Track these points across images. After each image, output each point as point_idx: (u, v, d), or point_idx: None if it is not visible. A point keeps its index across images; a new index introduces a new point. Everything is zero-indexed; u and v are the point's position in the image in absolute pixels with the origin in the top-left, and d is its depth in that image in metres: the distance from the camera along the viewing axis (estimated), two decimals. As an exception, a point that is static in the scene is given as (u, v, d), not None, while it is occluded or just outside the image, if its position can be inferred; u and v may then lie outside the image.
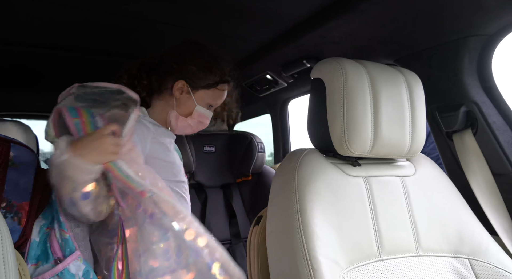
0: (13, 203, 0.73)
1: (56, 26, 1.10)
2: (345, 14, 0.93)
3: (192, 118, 1.00)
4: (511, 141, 0.95)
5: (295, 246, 0.69)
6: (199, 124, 1.02)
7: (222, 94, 1.03)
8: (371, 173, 0.83)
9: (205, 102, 1.01)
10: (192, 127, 1.02)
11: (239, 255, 1.70)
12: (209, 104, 1.02)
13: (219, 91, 1.02)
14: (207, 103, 1.01)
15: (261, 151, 1.85)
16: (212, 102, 1.02)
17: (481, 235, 0.84)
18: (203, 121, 1.02)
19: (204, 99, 1.00)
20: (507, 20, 0.88)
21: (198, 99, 1.00)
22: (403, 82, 0.85)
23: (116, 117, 0.79)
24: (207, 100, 1.01)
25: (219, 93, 1.02)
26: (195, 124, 1.02)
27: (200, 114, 1.00)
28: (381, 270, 0.74)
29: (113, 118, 0.79)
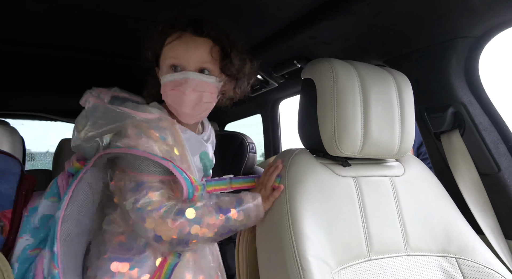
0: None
1: (49, 24, 1.09)
2: (336, 15, 0.93)
3: (164, 93, 0.82)
4: (497, 141, 0.97)
5: (285, 246, 0.69)
6: (173, 94, 0.80)
7: (175, 45, 0.80)
8: (361, 173, 0.84)
9: (164, 68, 0.82)
10: (171, 104, 0.82)
11: (230, 255, 1.70)
12: (171, 66, 0.81)
13: (169, 45, 0.81)
14: (168, 67, 0.81)
15: (252, 151, 1.85)
16: (169, 61, 0.81)
17: (468, 234, 0.85)
18: (174, 87, 0.79)
19: (163, 67, 0.83)
20: (494, 22, 0.90)
21: (162, 71, 0.84)
22: (393, 83, 0.86)
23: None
24: (164, 64, 0.82)
25: (169, 47, 0.81)
26: (171, 97, 0.81)
27: (166, 84, 0.81)
28: (370, 270, 0.74)
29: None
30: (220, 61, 0.82)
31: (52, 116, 2.22)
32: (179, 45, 0.80)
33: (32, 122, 2.39)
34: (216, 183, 0.84)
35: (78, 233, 0.76)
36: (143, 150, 0.74)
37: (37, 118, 2.32)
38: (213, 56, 0.81)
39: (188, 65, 0.80)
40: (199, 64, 0.80)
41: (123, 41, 1.24)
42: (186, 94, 0.79)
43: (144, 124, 0.77)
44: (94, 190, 0.80)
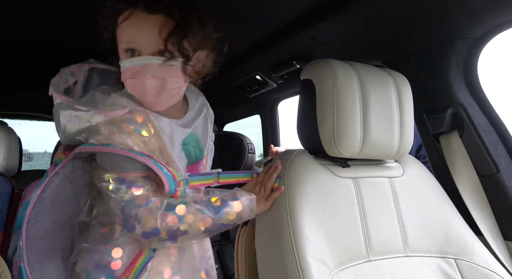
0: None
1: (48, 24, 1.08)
2: (335, 15, 0.93)
3: (125, 83, 0.73)
4: (496, 142, 0.97)
5: (284, 247, 0.69)
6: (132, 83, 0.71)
7: (126, 25, 0.70)
8: (360, 174, 0.84)
9: (120, 52, 0.73)
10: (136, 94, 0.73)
11: (228, 256, 1.69)
12: (125, 50, 0.71)
13: (120, 25, 0.71)
14: (123, 51, 0.72)
15: (251, 152, 1.85)
16: (123, 46, 0.72)
17: (466, 235, 0.85)
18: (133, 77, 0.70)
19: (120, 52, 0.73)
20: (493, 24, 0.90)
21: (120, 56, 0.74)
22: (392, 84, 0.86)
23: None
24: (120, 49, 0.73)
25: (121, 28, 0.71)
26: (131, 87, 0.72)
27: (123, 71, 0.72)
28: (369, 271, 0.74)
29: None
30: (171, 39, 0.69)
31: (50, 116, 2.22)
32: (130, 25, 0.69)
33: (30, 123, 2.38)
34: (201, 178, 0.79)
35: (53, 228, 0.74)
36: (120, 147, 0.70)
37: (35, 119, 2.32)
38: (166, 36, 0.69)
39: (144, 49, 0.69)
40: (156, 46, 0.69)
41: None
42: (146, 83, 0.69)
43: (116, 118, 0.72)
44: (76, 183, 0.78)
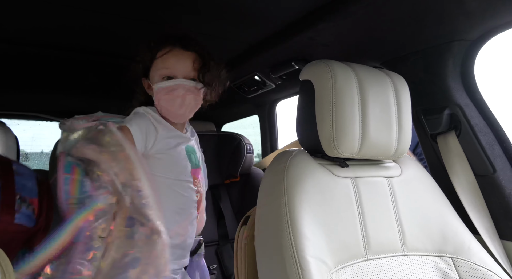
0: (25, 197, 0.82)
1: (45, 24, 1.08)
2: (334, 16, 0.94)
3: (157, 99, 0.95)
4: (492, 143, 0.98)
5: (283, 246, 0.69)
6: (168, 98, 0.93)
7: (166, 58, 0.94)
8: (359, 174, 0.84)
9: (156, 78, 0.95)
10: (165, 106, 0.95)
11: (227, 256, 1.70)
12: (164, 76, 0.94)
13: (160, 58, 0.95)
14: (160, 77, 0.95)
15: (250, 152, 1.85)
16: (162, 72, 0.94)
17: (463, 234, 0.86)
18: (169, 93, 0.93)
19: (154, 77, 0.96)
20: (489, 26, 0.91)
21: (152, 80, 0.97)
22: (390, 84, 0.86)
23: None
24: (156, 75, 0.95)
25: (161, 60, 0.95)
26: (165, 101, 0.94)
27: (159, 90, 0.93)
28: (367, 270, 0.75)
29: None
30: (200, 70, 0.96)
31: (48, 116, 2.21)
32: (171, 57, 0.94)
33: (28, 122, 2.37)
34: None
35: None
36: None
37: (32, 119, 2.30)
38: (195, 67, 0.96)
39: (179, 74, 0.94)
40: (186, 73, 0.95)
41: (119, 41, 1.24)
42: (180, 97, 0.93)
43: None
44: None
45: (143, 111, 0.95)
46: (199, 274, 1.09)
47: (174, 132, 0.98)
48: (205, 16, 1.05)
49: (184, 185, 0.98)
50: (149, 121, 0.93)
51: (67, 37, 1.19)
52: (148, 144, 0.91)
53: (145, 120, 0.93)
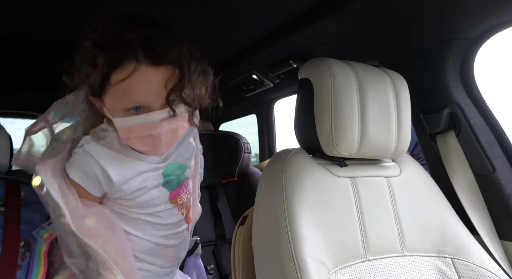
0: (30, 241, 0.72)
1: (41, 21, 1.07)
2: (332, 15, 0.93)
3: (126, 140, 0.68)
4: (492, 142, 0.98)
5: (282, 246, 0.68)
6: (143, 141, 0.67)
7: (126, 88, 0.62)
8: (358, 174, 0.83)
9: (119, 109, 0.66)
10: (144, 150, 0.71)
11: (224, 256, 1.69)
12: (129, 109, 0.65)
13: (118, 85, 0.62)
14: (124, 109, 0.65)
15: (247, 151, 1.84)
16: (126, 104, 0.65)
17: (463, 235, 0.85)
18: (145, 136, 0.66)
19: (114, 108, 0.66)
20: (489, 24, 0.91)
21: (110, 110, 0.68)
22: (389, 83, 0.86)
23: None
24: (118, 107, 0.66)
25: (121, 88, 0.63)
26: (142, 145, 0.68)
27: (126, 129, 0.66)
28: (366, 271, 0.74)
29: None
30: (176, 90, 0.64)
31: (44, 115, 2.19)
32: (138, 84, 0.62)
33: (23, 121, 2.35)
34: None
35: None
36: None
37: (28, 117, 2.28)
38: (168, 86, 0.64)
39: (153, 105, 0.65)
40: (163, 100, 0.65)
41: None
42: (162, 139, 0.67)
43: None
44: None
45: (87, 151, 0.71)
46: (196, 275, 1.08)
47: (138, 168, 0.75)
48: (203, 14, 1.04)
49: (163, 213, 0.82)
50: (95, 164, 0.71)
51: (64, 35, 1.17)
52: (104, 189, 0.74)
53: (89, 163, 0.71)
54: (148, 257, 0.82)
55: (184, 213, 0.86)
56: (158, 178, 0.78)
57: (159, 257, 0.84)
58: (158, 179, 0.78)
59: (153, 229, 0.81)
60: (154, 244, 0.82)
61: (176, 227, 0.85)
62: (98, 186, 0.73)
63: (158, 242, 0.82)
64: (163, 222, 0.81)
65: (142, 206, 0.78)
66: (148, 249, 0.81)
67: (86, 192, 0.73)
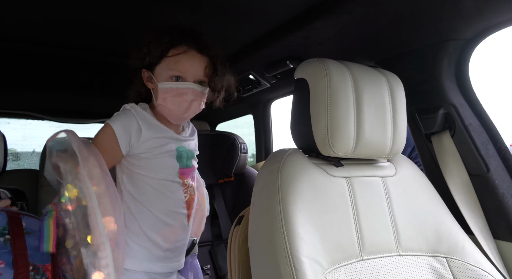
0: (38, 265, 0.78)
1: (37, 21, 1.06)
2: (329, 15, 0.94)
3: (162, 98, 0.91)
4: (486, 142, 0.98)
5: (277, 246, 0.68)
6: (174, 101, 0.90)
7: (180, 59, 0.90)
8: (353, 174, 0.84)
9: (165, 76, 0.91)
10: (169, 108, 0.91)
11: (220, 256, 1.69)
12: (174, 76, 0.90)
13: (173, 57, 0.90)
14: (169, 76, 0.90)
15: (244, 151, 1.84)
16: (173, 72, 0.90)
17: (457, 234, 0.86)
18: (177, 95, 0.90)
19: (162, 74, 0.91)
20: (484, 25, 0.91)
21: (158, 76, 0.92)
22: (385, 83, 0.86)
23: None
24: (165, 73, 0.91)
25: (174, 60, 0.90)
26: (171, 103, 0.90)
27: (165, 90, 0.90)
28: (362, 270, 0.74)
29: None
30: (211, 76, 0.94)
31: (40, 115, 2.17)
32: (185, 60, 0.90)
33: (19, 121, 2.33)
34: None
35: None
36: None
37: (23, 117, 2.27)
38: (206, 72, 0.93)
39: (190, 78, 0.91)
40: (197, 77, 0.92)
41: (113, 38, 1.22)
42: (188, 102, 0.91)
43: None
44: None
45: (130, 108, 0.92)
46: (192, 275, 1.08)
47: (163, 133, 0.95)
48: (200, 14, 1.04)
49: (170, 185, 0.95)
50: (134, 120, 0.90)
51: (59, 34, 1.17)
52: (132, 143, 0.90)
53: (130, 118, 0.90)
54: (150, 232, 0.93)
55: (187, 197, 0.99)
56: (173, 149, 0.96)
57: (159, 235, 0.93)
58: (173, 149, 0.96)
59: (158, 198, 0.93)
60: (156, 218, 0.93)
61: (178, 206, 0.97)
62: (128, 141, 0.89)
63: (159, 217, 0.93)
64: (168, 193, 0.94)
65: (154, 169, 0.92)
66: (151, 223, 0.93)
67: (116, 145, 0.88)
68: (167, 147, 0.94)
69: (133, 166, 0.93)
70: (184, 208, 0.98)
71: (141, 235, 0.92)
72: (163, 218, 0.94)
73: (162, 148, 0.93)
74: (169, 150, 0.95)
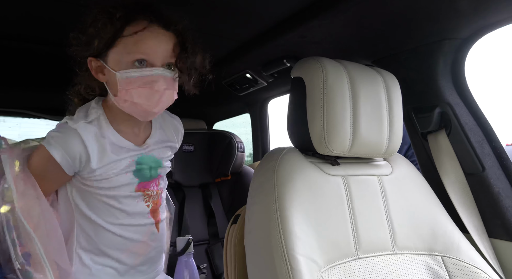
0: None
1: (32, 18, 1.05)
2: (326, 14, 0.93)
3: (124, 91, 0.70)
4: (482, 141, 0.99)
5: (273, 245, 0.68)
6: (141, 92, 0.70)
7: (141, 37, 0.69)
8: (350, 172, 0.84)
9: (124, 62, 0.70)
10: (136, 102, 0.71)
11: (217, 255, 1.69)
12: (136, 60, 0.70)
13: (132, 36, 0.69)
14: (129, 62, 0.70)
15: (241, 150, 1.84)
16: (135, 55, 0.70)
17: (453, 233, 0.86)
18: (144, 85, 0.70)
19: (119, 61, 0.71)
20: (479, 25, 0.92)
21: (113, 64, 0.71)
22: (382, 82, 0.86)
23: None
24: (124, 58, 0.70)
25: (134, 39, 0.69)
26: (137, 96, 0.71)
27: (128, 80, 0.70)
28: (358, 269, 0.74)
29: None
30: (179, 57, 0.74)
31: (36, 113, 2.16)
32: (149, 38, 0.69)
33: (14, 120, 2.32)
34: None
35: None
36: None
37: (19, 116, 2.25)
38: (175, 52, 0.74)
39: (157, 61, 0.71)
40: (166, 59, 0.73)
41: None
42: (160, 92, 0.71)
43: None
44: None
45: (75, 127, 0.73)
46: (188, 274, 1.08)
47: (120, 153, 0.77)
48: (196, 12, 1.03)
49: (127, 199, 0.81)
50: (80, 145, 0.73)
51: (54, 32, 1.16)
52: (78, 168, 0.75)
53: (73, 142, 0.72)
54: (114, 251, 0.81)
55: (150, 205, 0.84)
56: (130, 164, 0.80)
57: (125, 252, 0.82)
58: (131, 165, 0.80)
59: (115, 216, 0.80)
60: (120, 237, 0.81)
61: (140, 218, 0.83)
62: (75, 166, 0.74)
63: (123, 235, 0.81)
64: (127, 209, 0.81)
65: (107, 188, 0.78)
66: (111, 242, 0.80)
67: (60, 171, 0.73)
68: (122, 164, 0.78)
69: (81, 184, 0.78)
70: (149, 217, 0.85)
71: (101, 255, 0.80)
72: (126, 235, 0.81)
73: (117, 167, 0.78)
74: (125, 169, 0.79)
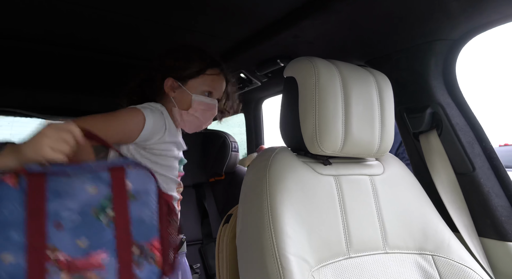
0: (142, 244, 0.63)
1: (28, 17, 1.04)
2: (319, 14, 0.94)
3: (195, 109, 1.00)
4: (472, 142, 1.00)
5: (265, 244, 0.69)
6: (205, 113, 1.02)
7: (215, 79, 1.03)
8: (342, 172, 0.84)
9: (199, 90, 1.01)
10: (199, 118, 1.02)
11: (210, 255, 1.68)
12: (206, 92, 1.02)
13: (210, 76, 1.02)
14: (203, 91, 1.01)
15: (235, 150, 1.84)
16: (208, 88, 1.02)
17: (443, 232, 0.87)
18: (208, 109, 1.02)
19: (197, 88, 1.01)
20: (470, 26, 0.92)
21: (191, 88, 1.00)
22: (374, 83, 0.87)
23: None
24: (201, 88, 1.01)
25: (211, 78, 1.02)
26: (201, 114, 1.01)
27: (200, 102, 1.00)
28: (349, 268, 0.75)
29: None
30: (223, 98, 1.10)
31: (28, 112, 2.14)
32: (219, 80, 1.05)
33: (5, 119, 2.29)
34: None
35: None
36: None
37: (11, 114, 2.23)
38: (226, 93, 1.10)
39: (216, 95, 1.05)
40: (219, 96, 1.07)
41: (101, 35, 1.21)
42: (212, 115, 1.04)
43: None
44: None
45: (161, 110, 0.97)
46: (180, 273, 1.08)
47: (177, 139, 1.02)
48: (191, 12, 1.03)
49: (171, 182, 1.03)
50: (163, 122, 0.95)
51: (47, 30, 1.15)
52: (149, 139, 0.93)
53: (160, 119, 0.95)
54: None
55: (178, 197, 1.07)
56: (180, 155, 1.06)
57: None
58: (180, 155, 1.06)
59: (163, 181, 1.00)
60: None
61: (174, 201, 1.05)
62: (148, 136, 0.92)
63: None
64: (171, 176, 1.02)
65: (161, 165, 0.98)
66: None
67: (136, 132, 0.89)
68: (175, 152, 1.02)
69: (140, 155, 0.96)
70: (177, 205, 1.06)
71: None
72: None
73: (173, 152, 1.01)
74: (178, 154, 1.04)
